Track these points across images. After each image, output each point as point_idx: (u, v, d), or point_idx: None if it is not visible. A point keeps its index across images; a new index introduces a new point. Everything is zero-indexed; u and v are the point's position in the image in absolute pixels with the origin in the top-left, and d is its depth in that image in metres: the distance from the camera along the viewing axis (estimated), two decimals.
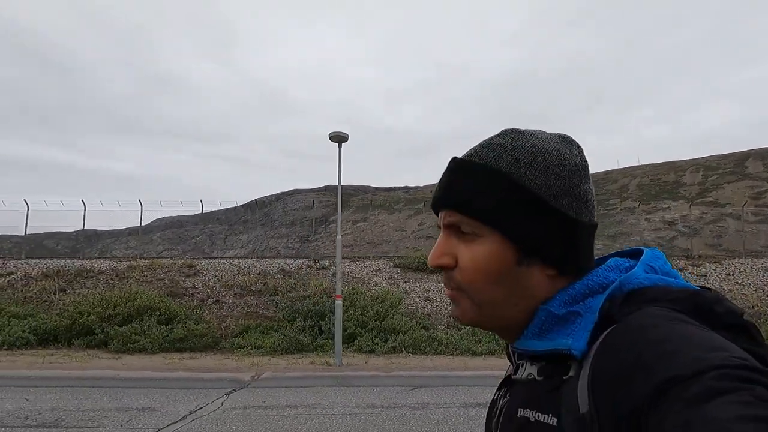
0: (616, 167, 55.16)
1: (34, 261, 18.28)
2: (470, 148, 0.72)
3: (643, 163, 54.69)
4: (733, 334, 0.54)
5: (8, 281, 16.25)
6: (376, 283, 16.59)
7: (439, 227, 0.71)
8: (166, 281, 16.85)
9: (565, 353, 0.59)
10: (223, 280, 16.96)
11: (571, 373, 0.58)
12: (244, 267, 18.17)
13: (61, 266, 17.63)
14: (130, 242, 63.16)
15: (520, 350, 0.67)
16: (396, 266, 18.17)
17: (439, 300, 15.23)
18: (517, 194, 0.65)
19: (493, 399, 0.77)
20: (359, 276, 17.56)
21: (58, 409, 6.52)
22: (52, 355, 10.87)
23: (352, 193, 66.11)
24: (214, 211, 61.84)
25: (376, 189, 69.05)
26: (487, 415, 0.77)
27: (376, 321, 12.56)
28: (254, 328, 13.18)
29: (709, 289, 0.60)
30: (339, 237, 11.20)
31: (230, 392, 7.55)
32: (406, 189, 66.77)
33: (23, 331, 11.99)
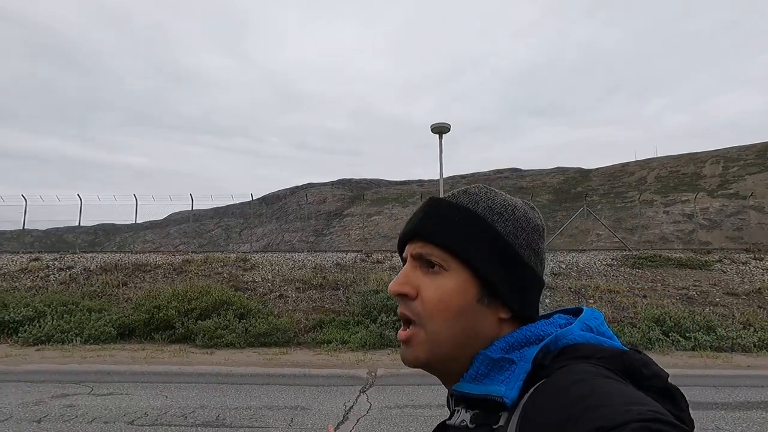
0: (633, 159, 54.88)
1: (90, 255, 18.24)
2: (448, 193, 0.78)
3: (661, 155, 54.36)
4: (659, 398, 0.57)
5: (70, 275, 16.19)
6: None
7: (404, 259, 0.76)
8: (224, 275, 16.77)
9: (497, 401, 0.62)
10: (281, 274, 16.88)
11: (501, 423, 0.62)
12: (299, 261, 18.09)
13: (118, 260, 17.56)
14: (148, 236, 63.24)
15: (457, 393, 0.70)
16: None
17: None
18: (488, 235, 0.71)
19: None
20: None
21: (207, 407, 6.42)
22: (143, 349, 10.78)
23: (366, 186, 66.02)
24: (230, 205, 61.89)
25: (390, 183, 68.91)
26: None
27: None
28: (329, 323, 13.08)
29: (639, 351, 0.64)
30: None
31: (364, 389, 7.46)
32: (420, 182, 66.57)
33: (105, 325, 11.93)
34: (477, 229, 0.71)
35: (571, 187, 53.11)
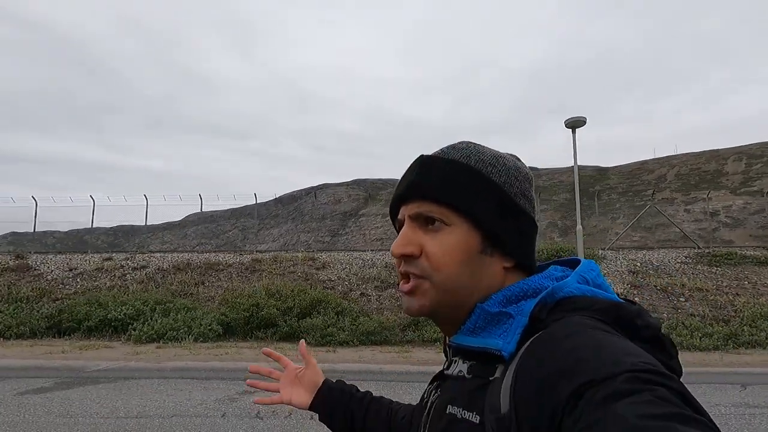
0: (652, 157, 54.66)
1: (159, 254, 18.13)
2: (436, 150, 0.77)
3: (681, 152, 54.09)
4: (650, 346, 0.59)
5: (145, 274, 16.06)
6: None
7: (401, 221, 0.75)
8: (298, 274, 16.65)
9: (494, 353, 0.63)
10: (353, 272, 16.76)
11: (497, 375, 0.62)
12: (368, 260, 17.95)
13: (188, 259, 17.45)
14: (166, 237, 63.12)
15: (455, 345, 0.71)
16: None
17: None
18: (485, 186, 0.71)
19: (423, 392, 0.81)
20: None
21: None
22: (260, 347, 10.66)
23: (381, 186, 65.79)
24: (246, 206, 61.80)
25: None
26: (417, 407, 0.82)
27: None
28: (424, 321, 12.97)
29: (633, 302, 0.65)
30: (579, 227, 10.93)
31: None
32: None
33: (210, 324, 11.83)
34: (474, 181, 0.71)
35: (588, 185, 52.77)
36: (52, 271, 15.88)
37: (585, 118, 10.36)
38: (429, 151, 0.79)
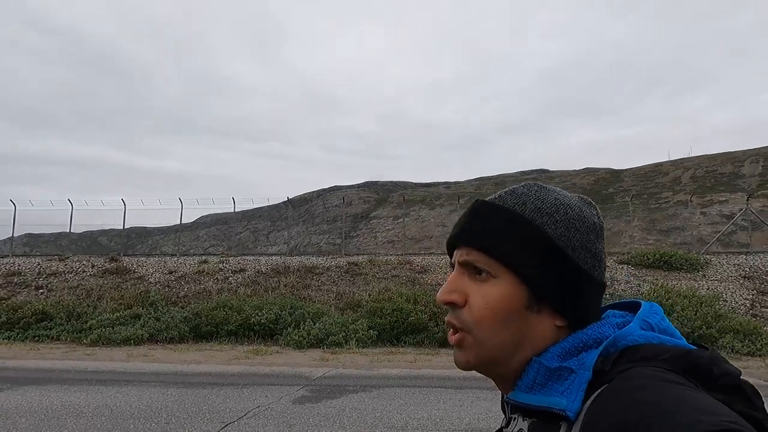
0: (667, 159, 55.15)
1: (253, 257, 17.55)
2: (494, 194, 0.74)
3: (696, 154, 54.63)
4: (730, 397, 0.53)
5: (248, 276, 15.52)
6: (627, 281, 16.13)
7: (452, 265, 0.73)
8: (402, 278, 16.21)
9: (557, 413, 0.59)
10: None
11: None
12: None
13: (282, 263, 16.93)
14: (178, 238, 62.19)
15: (514, 402, 0.68)
16: (622, 263, 17.72)
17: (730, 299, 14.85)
18: (536, 240, 0.67)
19: None
20: None
21: None
22: (435, 354, 10.25)
23: (392, 188, 65.63)
24: (258, 208, 61.25)
25: (416, 185, 68.65)
26: None
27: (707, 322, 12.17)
28: None
29: (706, 348, 0.60)
30: None
31: None
32: (447, 184, 66.41)
33: (364, 330, 11.41)
34: (523, 233, 0.67)
35: (602, 188, 53.18)
36: (151, 273, 15.23)
37: None
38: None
